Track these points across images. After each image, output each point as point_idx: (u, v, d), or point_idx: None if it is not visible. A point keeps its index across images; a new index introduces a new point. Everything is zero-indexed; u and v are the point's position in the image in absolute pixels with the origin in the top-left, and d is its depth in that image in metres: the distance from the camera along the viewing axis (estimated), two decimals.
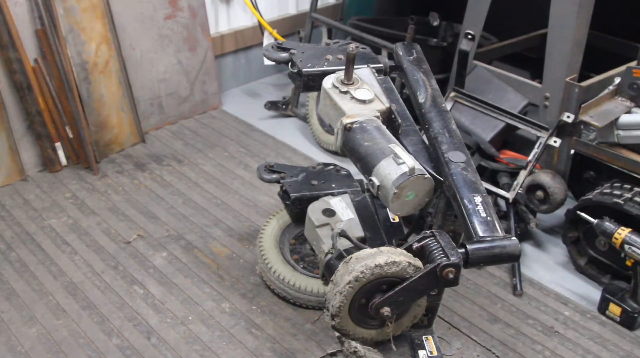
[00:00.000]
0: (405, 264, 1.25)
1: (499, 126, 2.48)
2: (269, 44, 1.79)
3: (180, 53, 2.95)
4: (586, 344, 1.89)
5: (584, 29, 2.25)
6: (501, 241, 1.34)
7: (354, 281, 1.24)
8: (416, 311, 1.36)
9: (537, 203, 2.21)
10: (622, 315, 1.95)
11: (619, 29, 2.86)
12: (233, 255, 2.20)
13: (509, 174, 2.29)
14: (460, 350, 1.86)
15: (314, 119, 2.92)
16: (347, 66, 1.45)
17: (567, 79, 2.23)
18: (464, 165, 1.50)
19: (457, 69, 2.45)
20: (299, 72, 1.65)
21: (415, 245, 1.30)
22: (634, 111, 2.07)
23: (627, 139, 2.06)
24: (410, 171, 1.20)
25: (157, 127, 2.98)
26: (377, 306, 1.26)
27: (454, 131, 1.61)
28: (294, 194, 1.92)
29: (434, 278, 1.24)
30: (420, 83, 1.76)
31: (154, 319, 1.93)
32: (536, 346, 1.89)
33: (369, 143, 1.31)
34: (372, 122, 1.38)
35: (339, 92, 1.47)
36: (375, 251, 1.27)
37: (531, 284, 2.12)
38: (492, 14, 2.48)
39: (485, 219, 1.38)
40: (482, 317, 1.98)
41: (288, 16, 3.50)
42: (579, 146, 2.17)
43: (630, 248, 1.85)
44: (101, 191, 2.52)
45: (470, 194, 1.42)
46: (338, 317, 1.29)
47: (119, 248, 2.21)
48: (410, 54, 1.86)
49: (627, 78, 2.08)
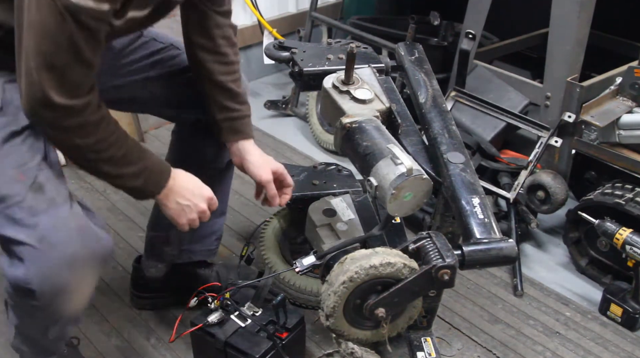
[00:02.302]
0: (401, 265, 1.24)
1: (499, 126, 2.47)
2: (271, 43, 1.79)
3: None
4: (587, 345, 1.89)
5: (585, 28, 2.25)
6: (498, 243, 1.33)
7: (349, 281, 1.24)
8: (412, 313, 1.35)
9: (538, 203, 2.20)
10: (623, 316, 1.94)
11: (621, 28, 2.85)
12: (233, 255, 2.20)
13: (510, 174, 2.28)
14: (461, 350, 1.86)
15: (314, 119, 2.92)
16: (348, 66, 1.45)
17: (569, 78, 2.22)
18: (462, 166, 1.49)
19: (458, 68, 2.45)
20: (299, 71, 1.64)
21: (412, 245, 1.29)
22: (635, 110, 2.06)
23: (628, 139, 2.05)
24: (408, 171, 1.19)
25: (156, 127, 2.97)
26: (372, 307, 1.26)
27: (453, 132, 1.61)
28: (294, 193, 1.92)
29: (429, 279, 1.23)
30: (421, 83, 1.76)
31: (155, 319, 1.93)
32: (537, 347, 1.88)
33: (368, 143, 1.30)
34: (371, 122, 1.37)
35: (339, 92, 1.47)
36: (370, 251, 1.27)
37: (532, 285, 2.12)
38: (493, 13, 2.48)
39: (483, 220, 1.37)
40: (483, 317, 1.98)
41: (288, 15, 3.50)
42: (580, 146, 2.16)
43: (631, 249, 1.84)
44: (100, 191, 2.51)
45: (469, 196, 1.42)
46: (332, 317, 1.28)
47: (118, 248, 2.20)
48: (412, 54, 1.85)
49: (629, 78, 2.07)
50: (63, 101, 1.16)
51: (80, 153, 1.27)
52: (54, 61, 1.13)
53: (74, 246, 1.24)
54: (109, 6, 1.13)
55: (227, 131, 1.63)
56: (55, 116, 1.19)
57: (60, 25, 1.10)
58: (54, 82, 1.14)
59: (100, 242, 1.31)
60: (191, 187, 1.44)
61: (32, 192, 1.23)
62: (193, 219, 1.46)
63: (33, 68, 1.13)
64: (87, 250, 1.27)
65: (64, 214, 1.25)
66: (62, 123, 1.20)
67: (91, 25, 1.13)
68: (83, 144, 1.24)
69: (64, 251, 1.22)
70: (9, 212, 1.21)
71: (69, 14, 1.09)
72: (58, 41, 1.12)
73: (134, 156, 1.32)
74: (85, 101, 1.20)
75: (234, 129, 1.63)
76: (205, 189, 1.47)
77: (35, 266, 1.21)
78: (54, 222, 1.23)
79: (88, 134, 1.23)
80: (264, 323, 1.62)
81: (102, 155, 1.27)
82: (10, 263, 1.24)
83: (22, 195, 1.22)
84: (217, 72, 1.59)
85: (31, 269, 1.21)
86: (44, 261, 1.21)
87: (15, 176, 1.24)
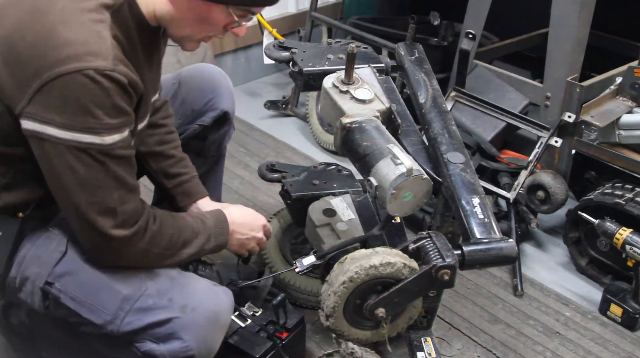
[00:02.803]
0: (401, 265, 1.24)
1: (499, 126, 2.47)
2: (271, 43, 1.79)
3: (180, 52, 2.94)
4: (587, 345, 1.89)
5: (585, 28, 2.25)
6: (498, 243, 1.33)
7: (349, 281, 1.24)
8: (412, 313, 1.35)
9: (538, 203, 2.20)
10: (623, 316, 1.94)
11: (621, 28, 2.85)
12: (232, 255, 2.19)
13: (510, 174, 2.28)
14: (461, 350, 1.86)
15: (313, 119, 2.92)
16: (348, 66, 1.45)
17: (568, 78, 2.22)
18: (462, 166, 1.49)
19: (458, 68, 2.45)
20: (299, 71, 1.64)
21: (412, 245, 1.29)
22: (635, 110, 2.06)
23: (628, 139, 2.05)
24: (408, 171, 1.19)
25: None
26: (372, 307, 1.26)
27: (453, 132, 1.61)
28: (295, 193, 1.92)
29: (429, 279, 1.24)
30: (421, 83, 1.76)
31: None
32: (537, 347, 1.88)
33: (368, 143, 1.30)
34: (371, 122, 1.37)
35: (339, 92, 1.47)
36: (370, 251, 1.27)
37: (532, 284, 2.12)
38: (493, 13, 2.48)
39: (483, 220, 1.37)
40: (483, 317, 1.98)
41: (288, 15, 3.50)
42: (580, 146, 2.16)
43: (631, 249, 1.84)
44: None
45: (468, 196, 1.42)
46: (332, 317, 1.28)
47: None
48: (412, 54, 1.85)
49: (629, 78, 2.07)
50: (127, 233, 1.23)
51: (163, 257, 1.33)
52: (108, 203, 1.19)
53: (210, 303, 1.32)
54: (128, 129, 1.20)
55: (182, 197, 1.64)
56: (126, 248, 1.25)
57: (102, 169, 1.16)
58: (113, 221, 1.20)
59: (227, 293, 1.38)
60: (247, 221, 1.55)
61: (149, 279, 1.30)
62: (253, 247, 1.58)
63: (89, 221, 1.19)
64: (222, 301, 1.35)
65: (185, 281, 1.33)
66: (134, 248, 1.27)
67: (125, 154, 1.20)
68: (158, 250, 1.30)
69: (206, 310, 1.30)
70: (140, 305, 1.28)
71: (106, 156, 1.16)
72: (105, 184, 1.18)
73: (195, 227, 1.39)
74: (145, 220, 1.26)
75: (187, 192, 1.64)
76: (259, 220, 1.58)
77: (190, 333, 1.28)
78: (184, 291, 1.31)
79: (159, 243, 1.30)
80: (264, 323, 1.62)
81: (177, 245, 1.34)
82: (161, 344, 1.29)
83: (143, 285, 1.30)
84: (155, 144, 1.61)
85: (186, 337, 1.27)
86: (194, 324, 1.28)
87: (128, 275, 1.30)
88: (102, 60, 1.11)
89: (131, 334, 1.28)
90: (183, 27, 1.27)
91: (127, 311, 1.27)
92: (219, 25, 1.27)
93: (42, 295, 1.31)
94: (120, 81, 1.13)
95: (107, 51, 1.12)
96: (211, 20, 1.25)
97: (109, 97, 1.13)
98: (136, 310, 1.27)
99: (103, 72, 1.11)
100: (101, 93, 1.11)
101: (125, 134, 1.18)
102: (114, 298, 1.27)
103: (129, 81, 1.16)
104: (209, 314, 1.30)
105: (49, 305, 1.32)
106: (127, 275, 1.30)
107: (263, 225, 1.59)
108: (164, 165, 1.62)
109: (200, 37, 1.31)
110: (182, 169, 1.64)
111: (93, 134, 1.13)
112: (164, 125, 1.63)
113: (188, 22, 1.26)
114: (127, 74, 1.15)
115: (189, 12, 1.24)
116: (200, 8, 1.22)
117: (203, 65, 1.84)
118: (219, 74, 1.81)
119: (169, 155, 1.62)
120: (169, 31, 1.30)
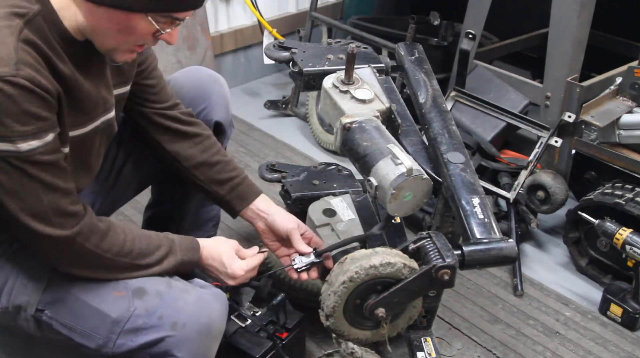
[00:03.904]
0: (401, 265, 1.24)
1: (499, 126, 2.47)
2: (271, 43, 1.79)
3: (180, 52, 2.94)
4: (587, 345, 1.89)
5: (585, 28, 2.25)
6: (498, 243, 1.33)
7: (348, 281, 1.24)
8: (412, 313, 1.35)
9: (538, 203, 2.20)
10: (623, 316, 1.94)
11: (621, 28, 2.85)
12: None
13: (510, 174, 2.28)
14: (461, 350, 1.86)
15: (313, 119, 2.92)
16: (348, 66, 1.45)
17: (568, 78, 2.22)
18: (462, 166, 1.49)
19: (458, 68, 2.45)
20: (299, 71, 1.64)
21: (412, 245, 1.29)
22: (635, 110, 2.06)
23: (628, 139, 2.05)
24: (408, 171, 1.19)
25: None
26: (372, 307, 1.26)
27: (453, 132, 1.61)
28: (295, 193, 1.92)
29: (429, 279, 1.24)
30: (421, 83, 1.76)
31: None
32: (537, 347, 1.88)
33: (368, 143, 1.30)
34: (371, 122, 1.37)
35: (338, 92, 1.47)
36: (370, 251, 1.27)
37: (532, 284, 2.12)
38: (493, 13, 2.48)
39: (483, 220, 1.37)
40: (483, 317, 1.98)
41: (288, 15, 3.50)
42: (580, 146, 2.16)
43: (631, 249, 1.84)
44: None
45: (468, 196, 1.42)
46: (332, 317, 1.28)
47: None
48: (412, 54, 1.85)
49: (629, 78, 2.07)
50: (68, 232, 1.19)
51: (120, 265, 1.29)
52: (38, 208, 1.16)
53: (201, 316, 1.30)
54: (51, 134, 1.15)
55: (238, 201, 1.61)
56: (72, 249, 1.22)
57: (24, 176, 1.13)
58: (48, 224, 1.17)
59: (219, 298, 1.36)
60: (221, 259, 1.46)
61: (137, 298, 1.28)
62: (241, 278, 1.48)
63: (24, 226, 1.16)
64: (213, 312, 1.33)
65: (174, 296, 1.30)
66: (83, 249, 1.23)
67: (49, 159, 1.15)
68: (111, 255, 1.27)
69: (197, 324, 1.29)
70: (130, 326, 1.27)
71: (25, 163, 1.12)
72: (32, 190, 1.14)
73: (155, 238, 1.35)
74: (88, 221, 1.23)
75: (241, 196, 1.62)
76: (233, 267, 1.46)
77: (184, 349, 1.27)
78: (173, 307, 1.29)
79: (110, 247, 1.26)
80: (264, 323, 1.62)
81: (134, 252, 1.30)
82: None
83: (131, 306, 1.28)
84: (197, 155, 1.59)
85: (180, 353, 1.27)
86: (187, 341, 1.28)
87: (115, 297, 1.29)
88: (2, 66, 1.07)
89: (127, 354, 1.28)
90: (106, 38, 1.22)
91: (118, 334, 1.26)
92: (144, 34, 1.22)
93: (35, 322, 1.31)
94: (24, 85, 1.08)
95: (9, 56, 1.08)
96: (133, 31, 1.20)
97: (15, 104, 1.08)
98: (127, 331, 1.27)
99: (4, 79, 1.06)
100: (6, 100, 1.07)
101: (46, 139, 1.14)
102: (103, 322, 1.27)
103: (37, 84, 1.10)
104: (200, 328, 1.29)
105: (44, 330, 1.32)
106: (113, 296, 1.28)
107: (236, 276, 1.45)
108: (211, 173, 1.59)
109: (127, 47, 1.26)
110: (231, 173, 1.61)
111: (6, 143, 1.09)
112: (198, 134, 1.60)
113: (110, 33, 1.21)
114: (32, 78, 1.09)
115: (109, 24, 1.19)
116: (120, 18, 1.17)
117: (194, 70, 1.77)
118: (212, 79, 1.74)
119: (213, 162, 1.60)
120: (95, 44, 1.24)
